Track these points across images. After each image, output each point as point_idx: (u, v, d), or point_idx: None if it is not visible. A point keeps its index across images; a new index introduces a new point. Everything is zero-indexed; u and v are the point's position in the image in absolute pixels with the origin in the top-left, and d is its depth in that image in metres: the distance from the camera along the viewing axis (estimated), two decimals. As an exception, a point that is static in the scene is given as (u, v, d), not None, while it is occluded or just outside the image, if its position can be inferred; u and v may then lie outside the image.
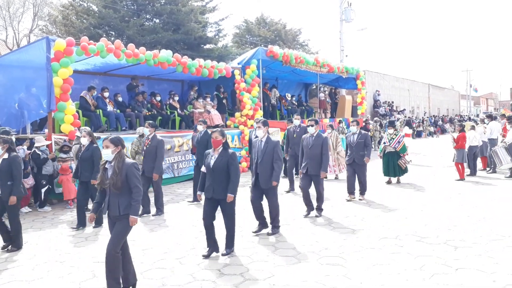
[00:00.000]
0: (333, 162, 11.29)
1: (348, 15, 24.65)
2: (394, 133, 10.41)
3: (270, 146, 6.11)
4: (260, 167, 6.13)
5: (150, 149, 7.90)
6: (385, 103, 30.41)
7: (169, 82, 15.63)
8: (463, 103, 58.52)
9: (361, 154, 8.43)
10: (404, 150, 10.43)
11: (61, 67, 9.23)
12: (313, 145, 7.19)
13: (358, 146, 8.45)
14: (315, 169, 7.11)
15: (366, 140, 8.56)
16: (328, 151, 7.32)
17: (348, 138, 8.73)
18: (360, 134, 8.61)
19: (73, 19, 23.19)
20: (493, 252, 5.13)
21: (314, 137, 7.33)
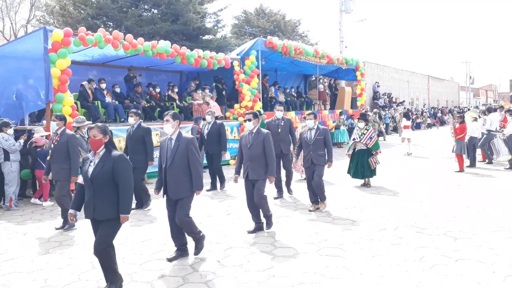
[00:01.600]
0: None
1: (348, 6, 24.56)
2: (365, 127, 9.03)
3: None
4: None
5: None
6: (385, 94, 30.36)
7: (168, 73, 15.57)
8: (462, 94, 58.48)
9: (320, 155, 6.95)
10: (377, 147, 9.01)
11: (59, 58, 9.16)
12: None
13: (316, 145, 6.97)
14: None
15: (326, 138, 7.02)
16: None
17: (304, 134, 7.18)
18: (318, 130, 7.06)
19: (70, 9, 22.98)
20: (492, 243, 5.13)
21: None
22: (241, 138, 6.09)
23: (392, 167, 11.84)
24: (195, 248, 5.00)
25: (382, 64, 32.94)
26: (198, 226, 5.11)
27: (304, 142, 7.09)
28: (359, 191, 8.62)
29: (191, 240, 5.05)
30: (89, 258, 4.99)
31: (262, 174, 5.79)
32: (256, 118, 5.81)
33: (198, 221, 6.48)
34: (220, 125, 9.32)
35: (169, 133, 4.96)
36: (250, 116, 5.81)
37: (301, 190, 8.55)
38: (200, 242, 5.02)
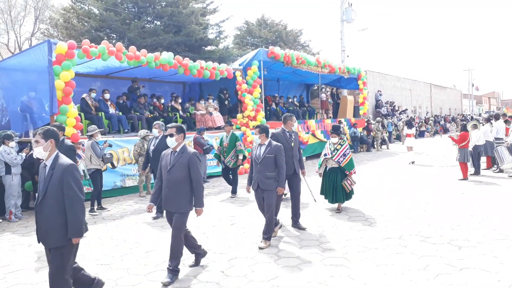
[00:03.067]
0: None
1: (349, 15, 24.66)
2: (339, 142, 7.62)
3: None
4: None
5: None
6: (387, 103, 30.39)
7: (171, 84, 15.68)
8: (465, 102, 58.45)
9: (269, 177, 5.71)
10: (351, 166, 7.58)
11: (62, 70, 9.25)
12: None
13: (264, 165, 5.72)
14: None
15: (277, 156, 5.75)
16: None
17: (253, 151, 6.00)
18: (269, 147, 5.80)
19: (74, 22, 23.24)
20: (497, 252, 5.11)
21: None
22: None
23: (396, 176, 11.82)
24: None
25: (384, 73, 33.03)
26: (199, 237, 5.11)
27: (252, 160, 5.95)
28: (363, 199, 8.60)
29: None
30: (94, 269, 5.00)
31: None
32: (181, 133, 4.76)
33: (202, 231, 6.51)
34: None
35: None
36: (172, 131, 4.72)
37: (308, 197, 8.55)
38: None
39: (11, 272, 5.10)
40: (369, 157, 17.27)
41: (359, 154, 18.74)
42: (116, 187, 10.16)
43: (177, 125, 4.84)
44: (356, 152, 19.32)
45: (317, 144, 17.42)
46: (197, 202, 4.72)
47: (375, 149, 20.65)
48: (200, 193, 4.72)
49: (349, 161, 7.59)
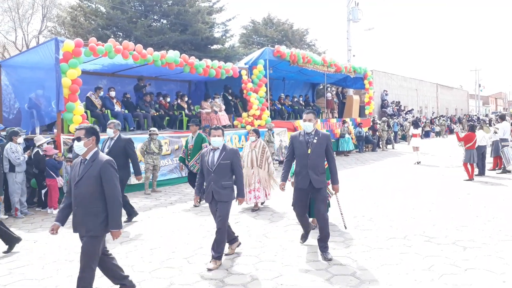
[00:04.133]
0: (257, 184, 7.84)
1: (356, 15, 24.58)
2: None
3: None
4: None
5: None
6: (393, 103, 30.28)
7: (177, 83, 15.73)
8: (471, 102, 58.10)
9: (224, 186, 4.96)
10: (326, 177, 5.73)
11: (69, 68, 9.32)
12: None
13: (219, 173, 4.95)
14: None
15: (233, 162, 5.01)
16: None
17: (204, 157, 5.11)
18: (224, 151, 5.01)
19: (81, 20, 23.36)
20: (502, 253, 5.09)
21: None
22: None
23: (401, 176, 11.78)
24: None
25: (390, 73, 32.90)
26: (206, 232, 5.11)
27: (204, 167, 5.11)
28: (368, 199, 8.59)
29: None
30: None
31: None
32: (91, 136, 3.83)
33: (206, 229, 6.53)
34: (126, 141, 7.08)
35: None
36: (80, 134, 3.81)
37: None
38: None
39: (17, 267, 5.14)
40: (375, 157, 17.23)
41: (364, 154, 18.70)
42: (122, 184, 10.21)
43: (87, 126, 3.89)
44: (361, 152, 19.28)
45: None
46: (112, 223, 3.74)
47: (381, 149, 20.59)
48: (116, 212, 3.75)
49: None
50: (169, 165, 11.29)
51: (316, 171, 5.16)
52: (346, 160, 16.51)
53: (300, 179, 5.27)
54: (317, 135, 5.21)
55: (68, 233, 6.64)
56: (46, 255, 5.60)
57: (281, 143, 15.11)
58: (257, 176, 7.86)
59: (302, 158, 5.21)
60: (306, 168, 5.16)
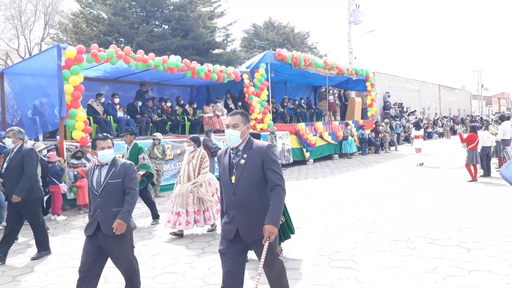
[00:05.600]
0: (195, 206, 6.48)
1: (357, 17, 24.60)
2: None
3: None
4: None
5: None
6: (395, 104, 30.24)
7: (179, 88, 15.78)
8: (474, 103, 57.91)
9: (116, 213, 3.76)
10: None
11: (72, 75, 9.38)
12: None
13: (108, 196, 3.77)
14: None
15: (126, 179, 3.84)
16: None
17: (88, 177, 3.95)
18: (114, 167, 3.85)
19: (83, 27, 23.51)
20: (506, 254, 5.06)
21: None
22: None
23: (404, 177, 11.75)
24: None
25: (392, 74, 32.86)
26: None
27: (89, 189, 3.92)
28: (371, 201, 8.57)
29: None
30: (103, 272, 5.03)
31: None
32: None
33: (210, 234, 6.50)
34: (25, 153, 5.57)
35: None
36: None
37: (313, 197, 8.53)
38: None
39: (21, 274, 5.15)
40: (378, 159, 17.19)
41: (368, 156, 18.67)
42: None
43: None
44: (364, 154, 19.26)
45: (324, 146, 17.40)
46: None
47: (384, 151, 20.55)
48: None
49: None
50: (171, 170, 11.30)
51: (248, 212, 3.17)
52: (349, 162, 16.48)
53: (225, 225, 3.30)
54: (248, 151, 3.24)
55: (72, 240, 6.66)
56: (50, 261, 5.61)
57: (284, 146, 15.11)
58: (196, 194, 6.43)
59: (226, 190, 3.29)
60: (232, 208, 3.23)
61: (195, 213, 6.44)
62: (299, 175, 13.26)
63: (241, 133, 3.26)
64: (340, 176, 12.73)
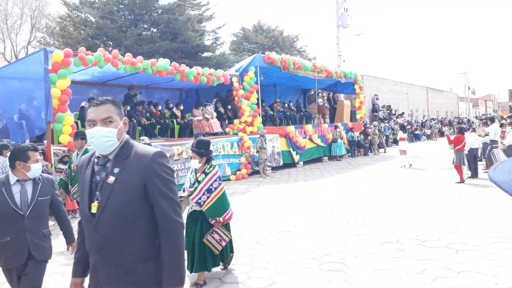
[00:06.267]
0: None
1: (345, 20, 24.79)
2: (204, 169, 4.67)
3: None
4: None
5: None
6: (384, 107, 30.49)
7: (168, 91, 15.73)
8: (461, 105, 58.61)
9: (47, 236, 3.43)
10: (219, 210, 4.57)
11: (59, 78, 9.28)
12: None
13: (35, 217, 3.28)
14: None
15: (54, 197, 3.46)
16: None
17: (3, 194, 3.22)
18: (41, 183, 3.38)
19: (70, 30, 23.32)
20: (494, 255, 5.11)
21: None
22: None
23: (393, 179, 11.83)
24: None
25: (381, 77, 33.13)
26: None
27: (3, 210, 3.19)
28: (360, 203, 8.60)
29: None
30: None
31: None
32: None
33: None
34: None
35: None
36: None
37: (305, 196, 8.53)
38: None
39: (5, 282, 5.05)
40: (367, 161, 17.29)
41: (357, 158, 18.76)
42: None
43: None
44: (353, 156, 19.36)
45: (314, 149, 17.45)
46: None
47: (373, 153, 20.68)
48: None
49: (217, 201, 4.54)
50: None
51: (114, 262, 2.07)
52: (339, 164, 16.55)
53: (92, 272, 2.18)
54: (122, 163, 2.11)
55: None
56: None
57: (274, 149, 15.12)
58: None
59: (85, 223, 2.18)
60: (93, 252, 2.13)
61: None
62: (289, 178, 13.27)
63: (118, 132, 2.12)
64: (330, 178, 12.77)
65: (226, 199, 4.70)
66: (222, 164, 13.18)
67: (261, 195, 10.30)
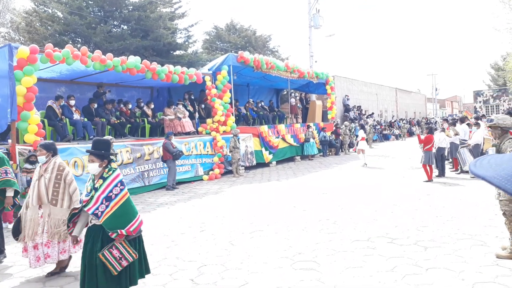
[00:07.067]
0: (45, 235, 4.91)
1: (317, 21, 25.02)
2: (101, 174, 3.98)
3: None
4: None
5: None
6: (354, 107, 30.99)
7: (138, 89, 15.44)
8: (429, 106, 60.27)
9: None
10: (121, 222, 3.78)
11: (24, 75, 8.95)
12: None
13: None
14: None
15: None
16: None
17: None
18: None
19: (37, 25, 22.57)
20: (461, 251, 5.25)
21: None
22: None
23: (363, 178, 12.02)
24: None
25: (351, 78, 33.65)
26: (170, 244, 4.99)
27: None
28: (332, 202, 8.69)
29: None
30: (60, 281, 4.81)
31: None
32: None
33: (171, 239, 6.39)
34: None
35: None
36: None
37: (276, 199, 8.54)
38: None
39: None
40: (338, 161, 17.52)
41: (328, 158, 18.99)
42: (82, 195, 9.84)
43: None
44: (325, 155, 19.58)
45: (287, 148, 17.54)
46: None
47: (343, 153, 20.98)
48: None
49: (119, 210, 3.81)
50: (131, 174, 11.02)
51: None
52: (311, 164, 16.70)
53: None
54: None
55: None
56: (1, 271, 5.30)
57: (247, 149, 15.11)
58: (48, 219, 4.91)
59: None
60: None
61: (45, 245, 4.89)
62: (262, 177, 13.29)
63: None
64: (302, 177, 12.86)
65: (130, 207, 3.91)
66: (194, 164, 13.06)
67: (234, 195, 10.26)
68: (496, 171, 0.91)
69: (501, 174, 0.90)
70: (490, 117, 5.67)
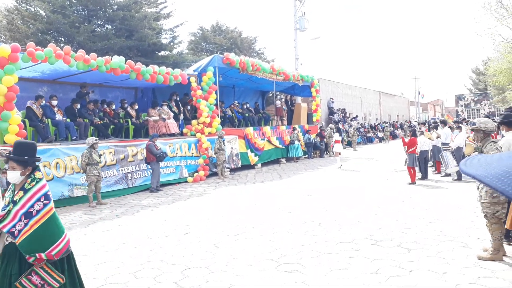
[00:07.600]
0: None
1: (302, 24, 25.16)
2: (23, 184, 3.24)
3: None
4: None
5: None
6: (339, 110, 31.25)
7: (122, 90, 15.28)
8: (412, 109, 61.17)
9: None
10: (41, 243, 3.09)
11: (5, 74, 8.77)
12: None
13: None
14: None
15: None
16: None
17: None
18: None
19: (18, 24, 22.17)
20: (444, 253, 5.32)
21: None
22: None
23: (347, 180, 12.10)
24: None
25: (336, 81, 33.94)
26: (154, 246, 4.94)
27: None
28: (316, 204, 8.72)
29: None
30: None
31: None
32: None
33: (154, 242, 6.32)
34: None
35: None
36: None
37: (261, 202, 8.53)
38: None
39: None
40: (322, 163, 17.61)
41: (313, 160, 19.08)
42: (64, 197, 9.69)
43: None
44: (310, 158, 19.67)
45: (272, 150, 17.57)
46: None
47: (328, 155, 21.10)
48: None
49: (39, 230, 3.15)
50: (114, 176, 10.88)
51: None
52: (296, 166, 16.74)
53: None
54: None
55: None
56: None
57: (232, 151, 15.07)
58: None
59: None
60: None
61: None
62: (248, 180, 13.26)
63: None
64: (287, 180, 12.88)
65: (55, 226, 3.24)
66: (179, 166, 12.97)
67: (219, 197, 10.22)
68: (487, 170, 0.94)
69: (491, 173, 0.92)
70: (472, 121, 5.77)
